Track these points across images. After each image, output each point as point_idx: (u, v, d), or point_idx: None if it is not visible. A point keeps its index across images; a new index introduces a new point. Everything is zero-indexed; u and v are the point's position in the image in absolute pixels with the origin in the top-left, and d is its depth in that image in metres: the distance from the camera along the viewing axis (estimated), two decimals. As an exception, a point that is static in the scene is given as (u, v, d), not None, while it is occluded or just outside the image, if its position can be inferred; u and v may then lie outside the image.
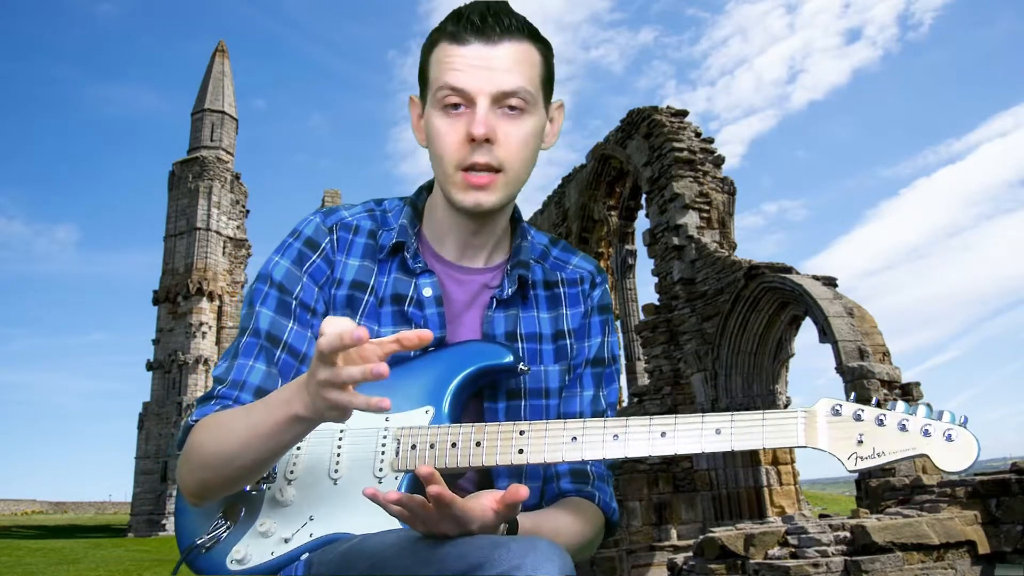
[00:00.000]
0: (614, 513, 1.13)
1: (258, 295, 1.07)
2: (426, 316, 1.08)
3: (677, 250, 12.15)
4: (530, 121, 1.03)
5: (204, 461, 0.95)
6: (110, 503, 57.80)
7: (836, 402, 0.90)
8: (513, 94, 1.00)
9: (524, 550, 0.78)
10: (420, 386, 1.04)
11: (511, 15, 1.02)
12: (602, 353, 1.18)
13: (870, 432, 0.88)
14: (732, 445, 0.90)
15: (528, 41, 1.03)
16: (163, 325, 31.44)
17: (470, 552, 0.80)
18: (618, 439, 0.93)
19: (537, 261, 1.18)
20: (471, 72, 0.99)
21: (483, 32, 0.99)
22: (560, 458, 0.94)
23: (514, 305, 1.13)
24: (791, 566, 6.03)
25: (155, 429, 30.34)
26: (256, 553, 0.97)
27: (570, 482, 1.11)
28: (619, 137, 14.56)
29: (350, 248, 1.11)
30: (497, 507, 0.86)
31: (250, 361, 1.04)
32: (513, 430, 0.95)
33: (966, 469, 0.85)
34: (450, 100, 1.00)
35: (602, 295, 1.21)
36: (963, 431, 0.86)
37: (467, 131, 0.99)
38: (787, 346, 10.81)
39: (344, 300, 1.09)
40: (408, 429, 0.99)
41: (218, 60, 35.78)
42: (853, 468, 0.87)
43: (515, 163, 1.03)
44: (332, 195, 38.65)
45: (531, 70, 1.03)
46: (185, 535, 1.02)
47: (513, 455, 0.94)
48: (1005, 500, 6.39)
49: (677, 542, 10.47)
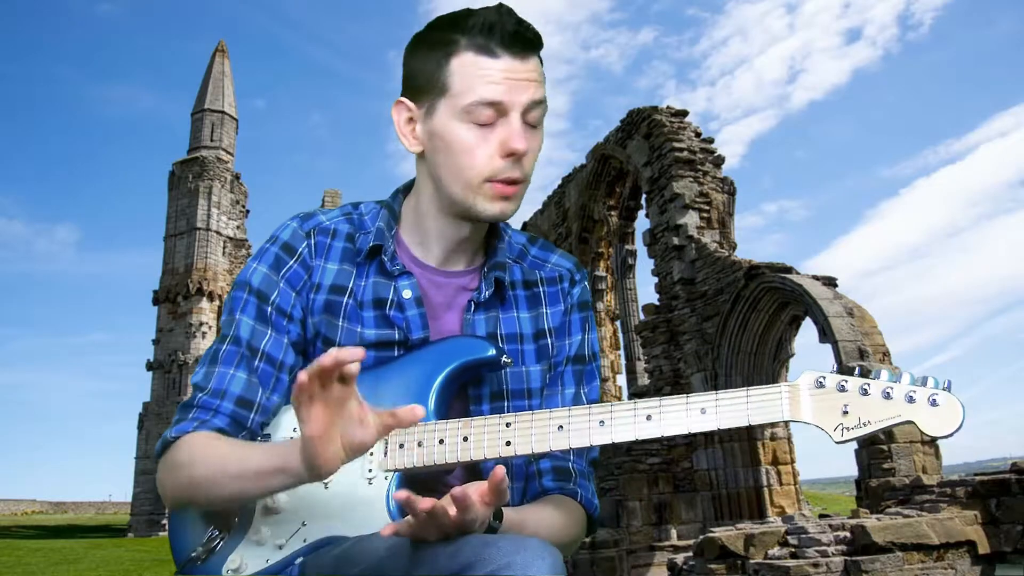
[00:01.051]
0: (596, 510, 1.14)
1: (238, 303, 1.08)
2: (407, 318, 1.09)
3: (677, 250, 12.15)
4: (541, 133, 1.07)
5: (191, 483, 0.95)
6: (110, 503, 57.77)
7: (820, 374, 0.89)
8: (537, 109, 1.03)
9: (515, 548, 0.79)
10: (405, 385, 1.04)
11: (530, 26, 1.03)
12: (583, 351, 1.18)
13: (855, 402, 0.87)
14: (718, 423, 0.90)
15: (537, 54, 1.05)
16: (163, 325, 31.43)
17: (461, 551, 0.81)
18: (604, 425, 0.93)
19: (515, 261, 1.18)
20: (506, 85, 1.00)
21: (514, 46, 1.01)
22: (548, 448, 0.94)
23: (493, 307, 1.13)
24: (791, 566, 6.03)
25: (155, 429, 30.32)
26: (251, 562, 0.97)
27: (552, 479, 1.11)
28: (619, 137, 14.56)
29: (328, 252, 1.11)
30: (488, 500, 0.86)
31: (231, 370, 1.03)
32: (499, 422, 0.95)
33: (952, 433, 0.84)
34: (484, 112, 1.00)
35: (581, 292, 1.21)
36: (947, 395, 0.85)
37: (501, 145, 1.01)
38: (787, 346, 10.81)
39: (323, 304, 1.09)
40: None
41: (218, 60, 35.77)
42: (840, 439, 0.87)
43: (531, 173, 1.06)
44: (332, 195, 38.63)
45: (544, 82, 1.05)
46: (180, 548, 1.02)
47: (501, 447, 0.94)
48: (1005, 500, 6.39)
49: (677, 542, 10.48)
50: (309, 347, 1.10)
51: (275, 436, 1.05)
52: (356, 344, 1.07)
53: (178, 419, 1.03)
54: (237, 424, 1.02)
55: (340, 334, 1.08)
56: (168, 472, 0.99)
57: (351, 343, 1.08)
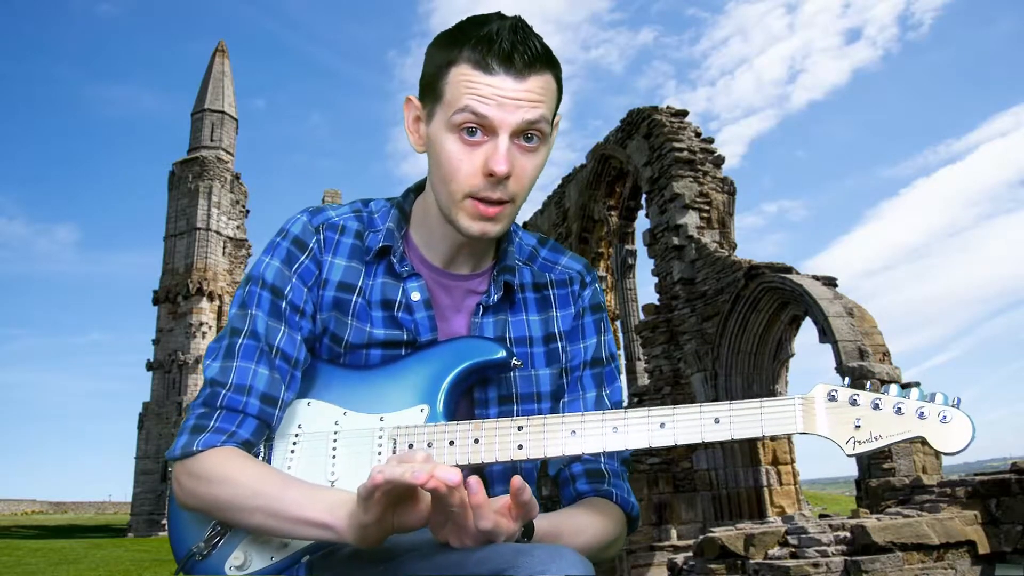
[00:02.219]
0: (633, 508, 1.12)
1: (252, 297, 1.05)
2: (416, 320, 1.08)
3: (677, 250, 12.15)
4: (543, 152, 1.02)
5: (214, 502, 0.94)
6: (110, 503, 57.73)
7: (832, 388, 0.90)
8: (533, 127, 0.98)
9: (549, 557, 0.77)
10: (413, 384, 1.03)
11: (536, 42, 0.99)
12: (599, 353, 1.17)
13: (867, 416, 0.88)
14: (732, 434, 0.90)
15: (548, 70, 1.00)
16: (163, 325, 31.43)
17: (491, 557, 0.80)
18: (617, 431, 0.93)
19: (525, 263, 1.17)
20: (496, 103, 0.96)
21: (512, 64, 0.96)
22: (560, 452, 0.93)
23: (502, 310, 1.12)
24: (791, 566, 6.02)
25: (155, 429, 30.32)
26: (256, 558, 0.96)
27: (586, 482, 1.10)
28: (619, 137, 14.55)
29: (336, 248, 1.10)
30: (515, 514, 0.86)
31: (252, 364, 1.01)
32: (511, 426, 0.95)
33: (963, 449, 0.86)
34: (469, 126, 0.97)
35: (593, 294, 1.19)
36: (957, 412, 0.86)
37: (485, 164, 0.97)
38: (787, 346, 10.81)
39: (331, 301, 1.08)
40: (403, 428, 0.99)
41: (218, 60, 35.76)
42: (852, 452, 0.88)
43: (523, 193, 1.02)
44: (332, 195, 38.62)
45: (550, 100, 1.01)
46: (180, 542, 1.01)
47: (513, 451, 0.93)
48: (1005, 500, 6.39)
49: (677, 542, 10.47)
50: (316, 343, 1.09)
51: (279, 434, 1.04)
52: (364, 343, 1.07)
53: (199, 424, 0.98)
54: (264, 425, 1.00)
55: (349, 332, 1.07)
56: (189, 479, 0.96)
57: (360, 341, 1.07)
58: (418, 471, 0.76)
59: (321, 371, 1.08)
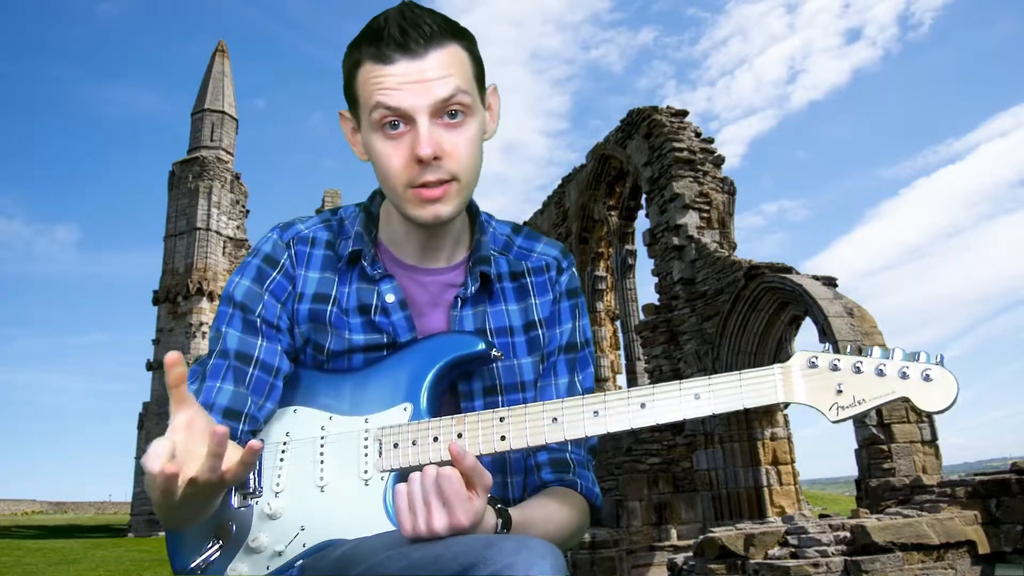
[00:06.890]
0: (597, 499, 1.12)
1: (223, 317, 1.07)
2: (393, 322, 1.08)
3: (677, 250, 12.15)
4: (472, 124, 1.01)
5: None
6: (110, 503, 57.71)
7: (812, 354, 0.89)
8: (451, 102, 0.98)
9: (516, 548, 0.78)
10: (395, 384, 1.03)
11: (429, 19, 0.98)
12: (574, 338, 1.17)
13: (849, 380, 0.87)
14: (713, 408, 0.90)
15: (453, 42, 0.99)
16: (163, 325, 31.43)
17: (463, 553, 0.80)
18: (598, 415, 0.92)
19: (500, 252, 1.17)
20: (404, 90, 0.96)
21: (406, 47, 0.96)
22: (543, 441, 0.93)
23: (480, 301, 1.12)
24: (791, 566, 6.03)
25: (155, 429, 30.30)
26: (252, 569, 0.97)
27: (551, 472, 1.10)
28: (619, 137, 14.56)
29: (309, 261, 1.11)
30: (470, 483, 0.87)
31: (217, 383, 1.02)
32: (493, 417, 0.95)
33: (947, 407, 0.84)
34: (388, 120, 0.98)
35: (569, 279, 1.19)
36: (941, 370, 0.85)
37: (412, 151, 0.97)
38: (787, 346, 10.80)
39: (307, 314, 1.09)
40: (388, 428, 0.99)
41: (218, 60, 35.76)
42: (835, 419, 0.87)
43: (465, 170, 1.01)
44: (332, 195, 38.61)
45: (463, 71, 1.00)
46: (178, 559, 1.01)
47: (496, 442, 0.94)
48: (1005, 500, 6.39)
49: (677, 542, 10.48)
50: (300, 354, 1.10)
51: (267, 442, 1.04)
52: (346, 349, 1.07)
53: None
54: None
55: (330, 340, 1.08)
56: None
57: (341, 348, 1.08)
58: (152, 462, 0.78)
59: (305, 378, 1.09)
